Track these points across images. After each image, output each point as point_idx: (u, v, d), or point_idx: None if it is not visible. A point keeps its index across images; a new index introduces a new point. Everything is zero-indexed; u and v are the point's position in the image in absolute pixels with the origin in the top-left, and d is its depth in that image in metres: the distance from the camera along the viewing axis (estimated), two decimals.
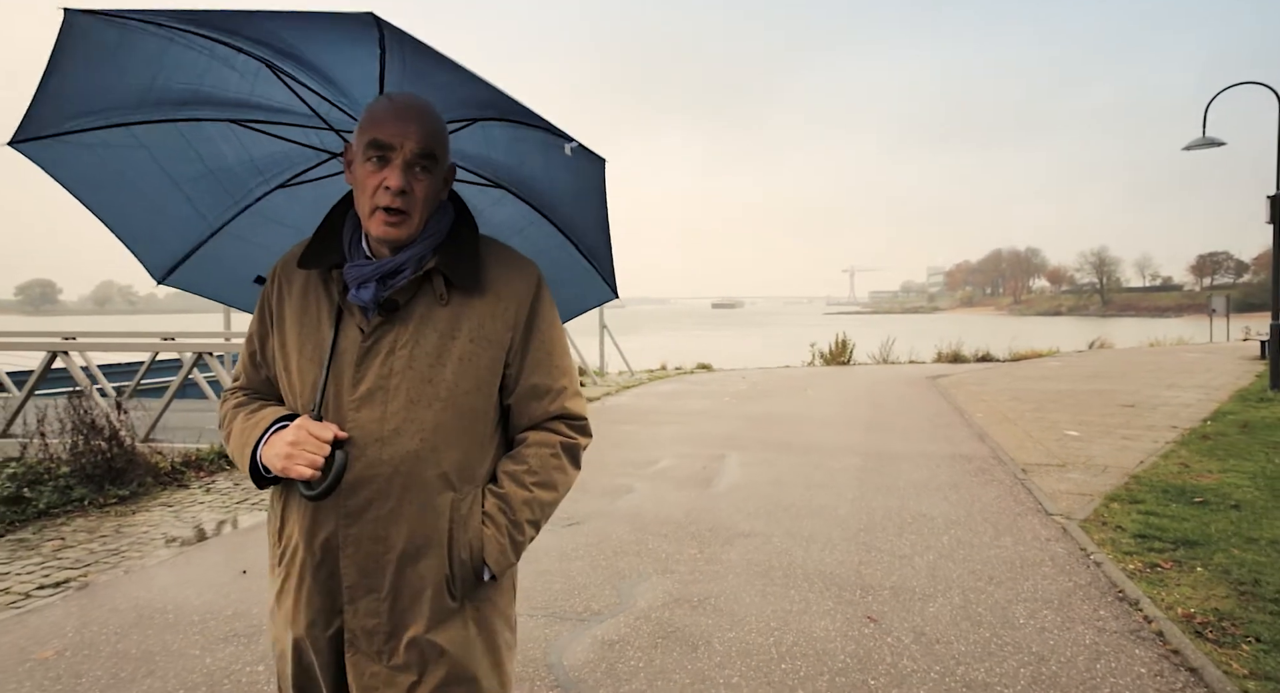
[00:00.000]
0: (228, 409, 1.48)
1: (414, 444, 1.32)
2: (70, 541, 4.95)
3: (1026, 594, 3.74)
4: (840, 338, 21.36)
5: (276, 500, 1.42)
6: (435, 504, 1.34)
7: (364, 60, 1.34)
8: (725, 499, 5.68)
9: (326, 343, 1.35)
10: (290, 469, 1.25)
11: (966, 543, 4.54)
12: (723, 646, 3.26)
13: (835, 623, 3.46)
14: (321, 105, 1.55)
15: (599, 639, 3.33)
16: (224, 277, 1.89)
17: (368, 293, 1.33)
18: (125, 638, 3.41)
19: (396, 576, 1.33)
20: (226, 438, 1.45)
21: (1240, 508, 5.00)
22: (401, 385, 1.32)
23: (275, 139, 1.67)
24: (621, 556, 4.43)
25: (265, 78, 1.46)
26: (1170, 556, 4.18)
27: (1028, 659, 3.07)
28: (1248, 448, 6.95)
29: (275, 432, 1.33)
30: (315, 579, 1.35)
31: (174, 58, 1.36)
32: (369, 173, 1.31)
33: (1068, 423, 8.84)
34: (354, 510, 1.32)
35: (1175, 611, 3.46)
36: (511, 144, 1.61)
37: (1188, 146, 11.26)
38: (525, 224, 1.80)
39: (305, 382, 1.37)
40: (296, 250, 1.46)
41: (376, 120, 1.31)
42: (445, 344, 1.34)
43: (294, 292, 1.41)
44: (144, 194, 1.66)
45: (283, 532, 1.40)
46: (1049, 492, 5.69)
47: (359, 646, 1.34)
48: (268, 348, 1.45)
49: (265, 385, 1.48)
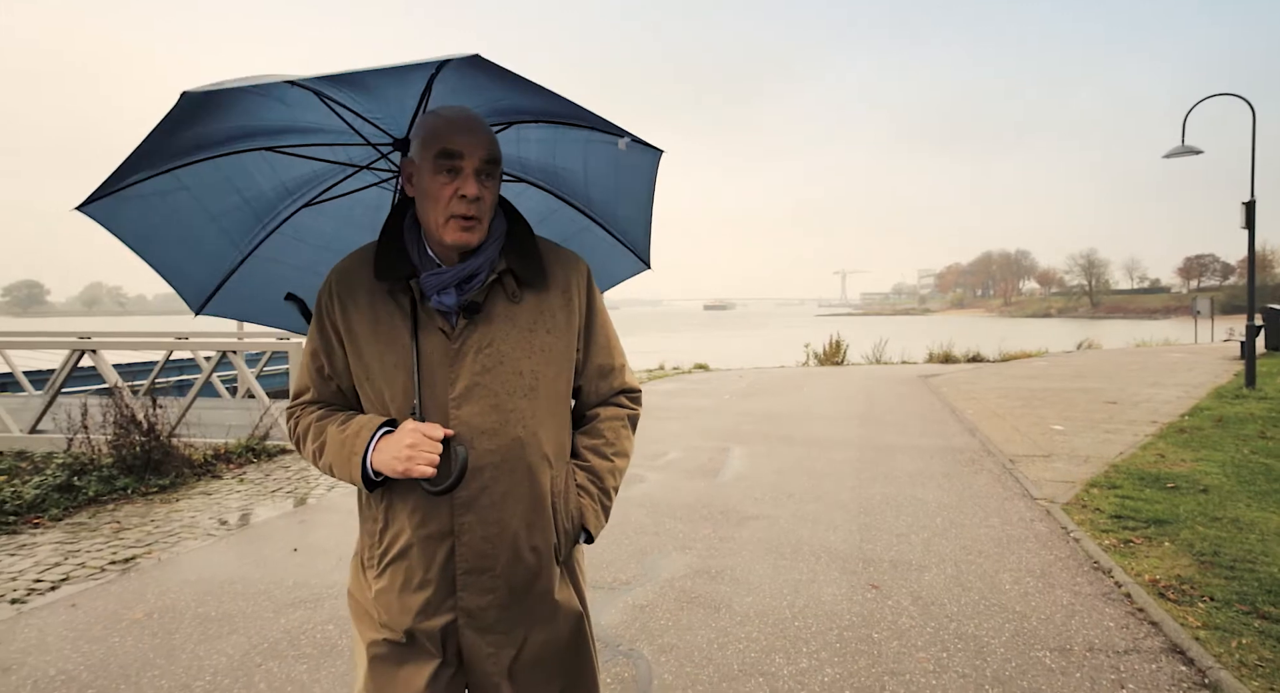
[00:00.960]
0: (309, 423, 1.52)
1: (518, 432, 1.42)
2: (125, 524, 5.31)
3: (1012, 565, 4.15)
4: (834, 338, 21.82)
5: (377, 503, 1.47)
6: (540, 484, 1.45)
7: (415, 80, 1.42)
8: (733, 487, 6.08)
9: (409, 350, 1.42)
10: (413, 470, 1.33)
11: (958, 523, 4.96)
12: (741, 608, 3.66)
13: (841, 590, 3.86)
14: (355, 121, 1.59)
15: (630, 604, 3.73)
16: (256, 298, 1.97)
17: (450, 298, 1.42)
18: (203, 603, 3.79)
19: (511, 553, 1.44)
20: (318, 451, 1.48)
21: (1208, 492, 5.44)
22: (496, 380, 1.42)
23: (305, 160, 1.74)
24: (642, 535, 4.82)
25: (310, 105, 1.51)
26: (1142, 533, 4.61)
27: (1011, 617, 3.48)
28: (1220, 440, 7.41)
29: (382, 437, 1.39)
30: (427, 571, 1.42)
31: (235, 105, 1.42)
32: (441, 183, 1.37)
33: (1054, 418, 9.28)
34: (467, 500, 1.41)
35: (1143, 577, 3.88)
36: (544, 143, 1.72)
37: (1168, 154, 11.76)
38: (548, 212, 1.91)
39: (395, 388, 1.43)
40: (350, 264, 1.51)
41: (442, 133, 1.37)
42: (526, 338, 1.45)
43: (359, 304, 1.46)
44: (183, 232, 1.73)
45: (385, 532, 1.46)
46: (1034, 479, 6.12)
47: (473, 624, 1.44)
48: (336, 361, 1.50)
49: (337, 397, 1.54)
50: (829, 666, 3.06)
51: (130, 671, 3.11)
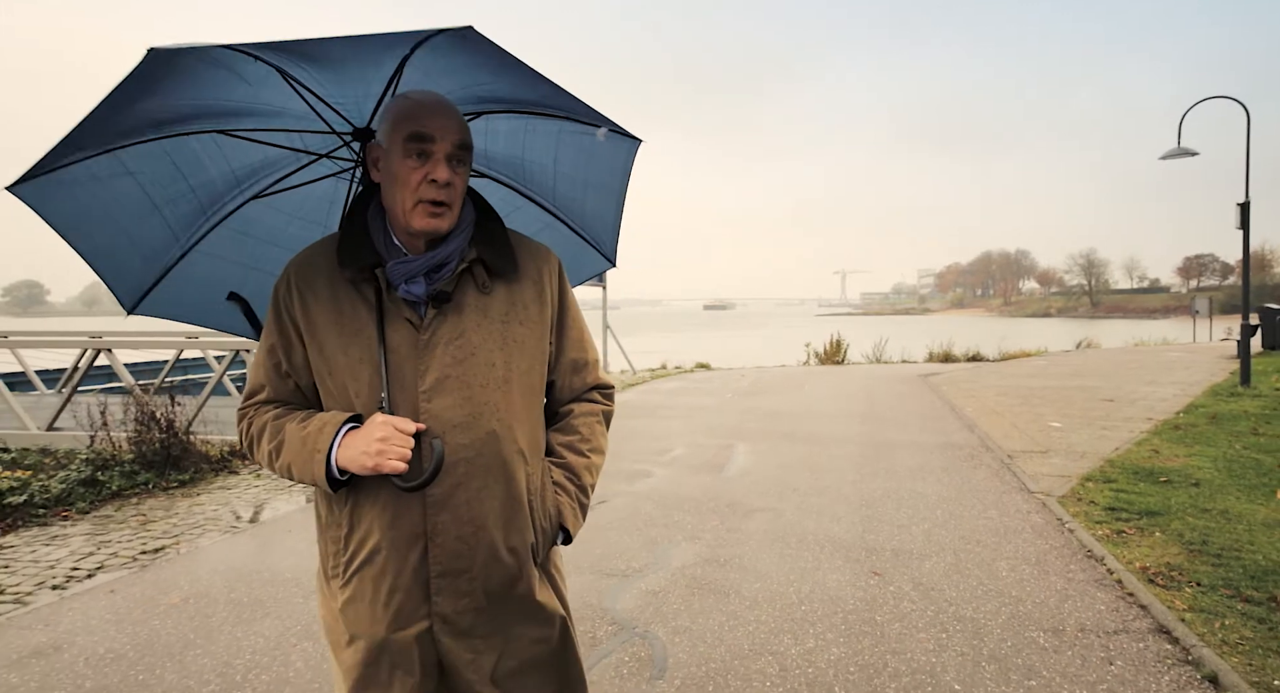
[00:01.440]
0: (264, 422, 1.43)
1: (492, 425, 1.37)
2: (150, 516, 5.48)
3: (1008, 554, 4.33)
4: (834, 338, 22.00)
5: (340, 507, 1.39)
6: (516, 480, 1.40)
7: (386, 61, 1.35)
8: (738, 482, 6.26)
9: (375, 341, 1.36)
10: (384, 465, 1.26)
11: (957, 515, 5.13)
12: (750, 593, 3.83)
13: (845, 577, 4.04)
14: (318, 105, 1.51)
15: (643, 590, 3.90)
16: (195, 297, 1.84)
17: (419, 288, 1.37)
18: (234, 590, 3.96)
19: (487, 553, 1.38)
20: (275, 450, 1.39)
21: (1199, 485, 5.62)
22: (469, 372, 1.36)
23: (257, 146, 1.64)
24: (651, 526, 5.00)
25: (272, 84, 1.41)
26: (1134, 523, 4.78)
27: (1007, 601, 3.66)
28: (1214, 436, 7.58)
29: (348, 433, 1.32)
30: (398, 576, 1.35)
31: (195, 77, 1.32)
32: (411, 168, 1.32)
33: (1051, 416, 9.46)
34: (441, 498, 1.34)
35: (1134, 565, 4.05)
36: (512, 134, 1.65)
37: (1164, 156, 11.94)
38: (510, 209, 1.83)
39: (360, 382, 1.36)
40: (309, 255, 1.45)
41: (412, 115, 1.32)
42: (498, 329, 1.40)
43: (320, 296, 1.40)
44: (122, 222, 1.61)
45: (351, 537, 1.38)
46: (1031, 474, 6.29)
47: (449, 629, 1.38)
48: (295, 357, 1.42)
49: (294, 395, 1.46)
50: (834, 646, 3.23)
51: (173, 650, 3.28)
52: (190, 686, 2.98)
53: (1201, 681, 2.85)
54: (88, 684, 3.00)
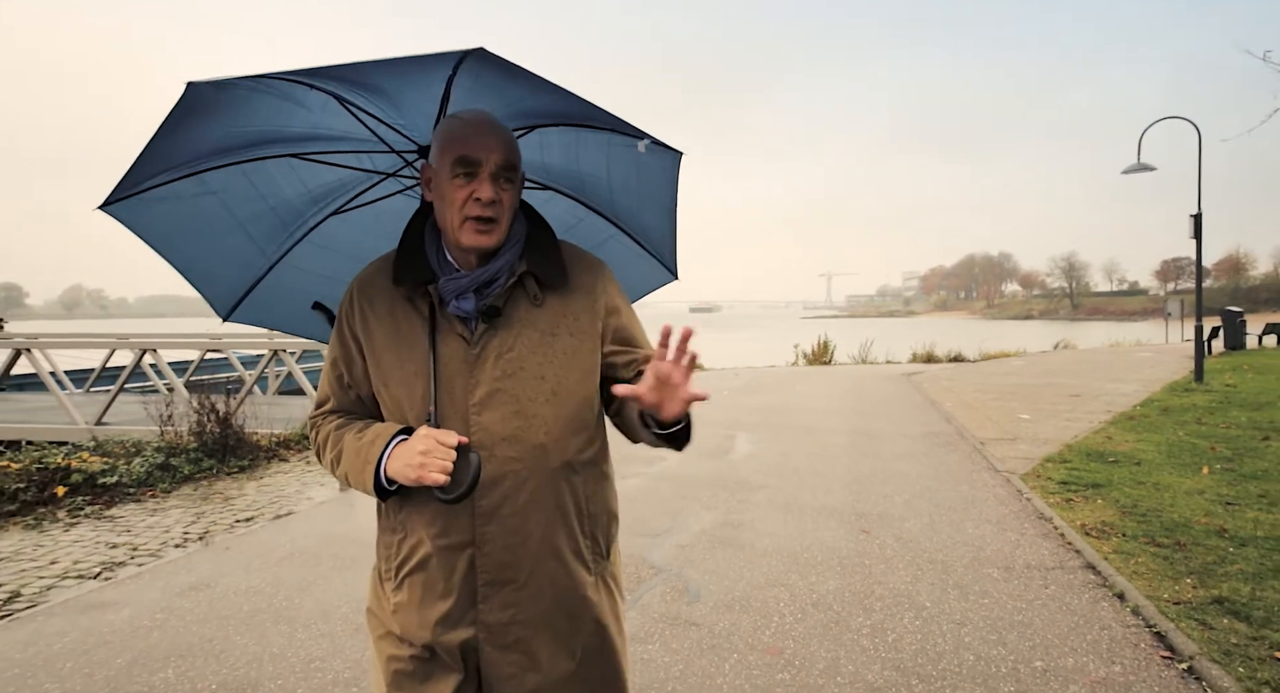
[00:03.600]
0: (328, 432, 1.49)
1: (540, 438, 1.39)
2: (228, 495, 6.24)
3: (975, 517, 5.18)
4: (822, 340, 22.93)
5: (393, 513, 1.44)
6: (564, 493, 1.42)
7: (434, 83, 1.41)
8: (743, 464, 7.09)
9: (427, 356, 1.40)
10: (425, 477, 1.28)
11: (933, 489, 5.99)
12: (761, 546, 4.65)
13: (839, 534, 4.87)
14: (379, 128, 1.59)
15: (673, 545, 4.71)
16: (283, 306, 1.97)
17: (468, 303, 1.40)
18: (329, 547, 4.74)
19: (534, 564, 1.40)
20: (335, 459, 1.45)
21: (1140, 464, 6.51)
22: (518, 386, 1.38)
23: (330, 167, 1.74)
24: (671, 500, 5.82)
25: (331, 110, 1.50)
26: (1081, 494, 5.66)
27: (970, 549, 4.51)
28: (1162, 425, 8.51)
29: (397, 445, 1.35)
30: (447, 583, 1.39)
31: (253, 106, 1.41)
32: (457, 187, 1.36)
33: (1022, 409, 10.36)
34: (489, 509, 1.37)
35: (1075, 523, 4.92)
36: (566, 147, 1.69)
37: (1125, 171, 12.91)
38: (575, 221, 1.88)
39: (413, 395, 1.40)
40: (371, 272, 1.50)
41: (458, 138, 1.36)
42: (548, 342, 1.42)
43: (378, 311, 1.45)
44: (210, 237, 1.73)
45: (404, 543, 1.42)
46: (999, 457, 7.17)
47: (494, 640, 1.40)
48: (355, 369, 1.48)
49: (357, 405, 1.51)
50: (831, 580, 4.06)
51: (297, 590, 4.06)
52: (327, 611, 3.77)
53: (1112, 597, 3.71)
54: (245, 607, 3.78)
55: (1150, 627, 3.35)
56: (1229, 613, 3.43)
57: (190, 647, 3.36)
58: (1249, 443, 7.32)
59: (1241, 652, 3.07)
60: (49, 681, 3.06)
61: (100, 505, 5.91)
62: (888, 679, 2.98)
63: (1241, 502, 5.23)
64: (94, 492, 6.20)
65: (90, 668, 3.16)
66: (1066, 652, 3.17)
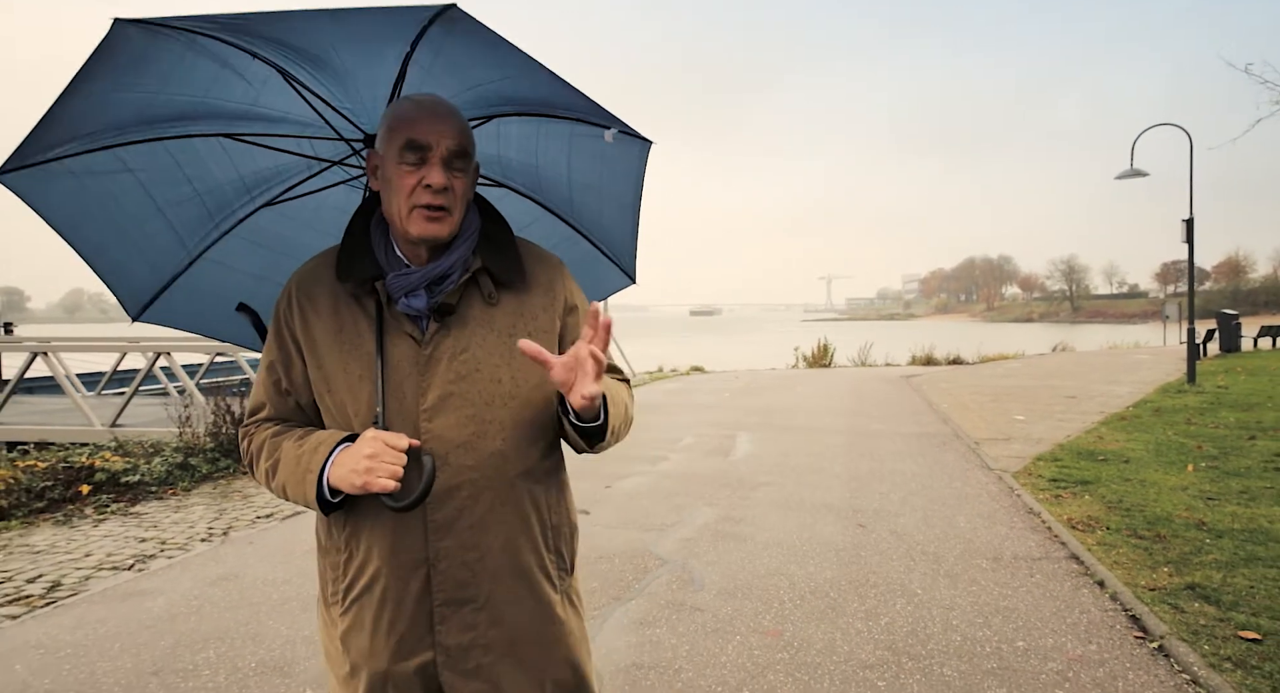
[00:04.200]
0: (262, 440, 1.37)
1: (498, 445, 1.30)
2: (247, 493, 6.46)
3: (966, 511, 5.41)
4: (821, 343, 23.18)
5: (338, 530, 1.34)
6: (525, 502, 1.34)
7: (389, 60, 1.31)
8: (744, 463, 7.31)
9: (374, 357, 1.30)
10: (372, 483, 1.18)
11: (928, 486, 6.21)
12: (762, 539, 4.88)
13: (836, 528, 5.09)
14: (325, 110, 1.47)
15: (678, 538, 4.93)
16: (203, 307, 1.79)
17: (419, 301, 1.31)
18: None
19: (494, 582, 1.31)
20: (271, 469, 1.33)
21: (1129, 462, 6.74)
22: (473, 389, 1.30)
23: (267, 151, 1.59)
24: (675, 496, 6.04)
25: (273, 86, 1.39)
26: (1070, 490, 5.88)
27: (962, 541, 4.73)
28: (1153, 425, 8.73)
29: (341, 451, 1.25)
30: (399, 605, 1.29)
31: (186, 68, 1.27)
32: (405, 173, 1.28)
33: (1017, 410, 10.59)
34: (444, 522, 1.28)
35: (1062, 517, 5.14)
36: (525, 139, 1.59)
37: (1119, 176, 13.15)
38: (530, 220, 1.77)
39: (359, 399, 1.30)
40: (312, 268, 1.40)
41: (408, 120, 1.28)
42: (505, 342, 1.34)
43: (320, 310, 1.35)
44: (125, 223, 1.55)
45: (349, 563, 1.32)
46: (993, 456, 7.39)
47: (455, 666, 1.30)
48: (294, 373, 1.37)
49: (295, 413, 1.40)
50: (829, 569, 4.29)
51: None
52: None
53: (1092, 584, 3.93)
54: (274, 596, 4.00)
55: (1126, 611, 3.58)
56: (1200, 598, 3.65)
57: (227, 631, 3.58)
58: (1235, 442, 7.54)
59: (1209, 632, 3.29)
60: (100, 660, 3.29)
61: (125, 503, 6.14)
62: (880, 658, 3.20)
63: (1222, 497, 5.45)
64: (118, 490, 6.42)
65: (137, 649, 3.39)
66: (1047, 633, 3.39)
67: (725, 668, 3.15)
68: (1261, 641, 3.17)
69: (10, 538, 5.17)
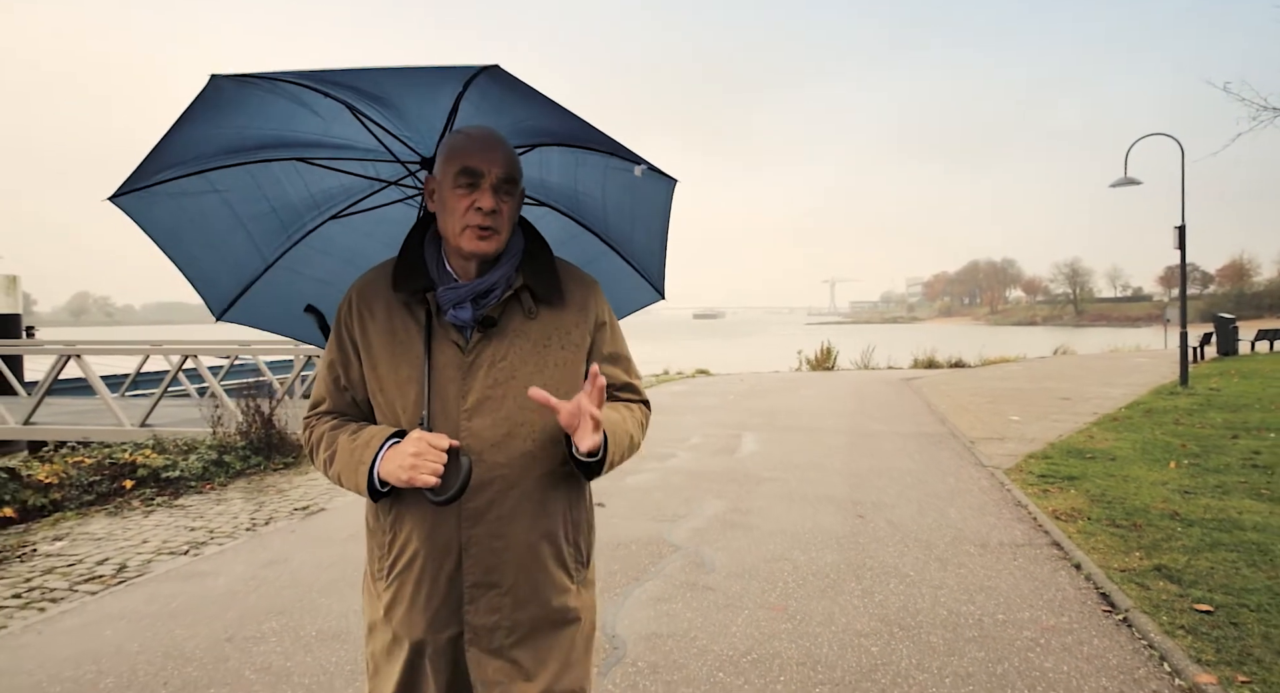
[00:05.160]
0: (322, 432, 1.52)
1: (528, 446, 1.44)
2: (280, 487, 6.86)
3: (958, 504, 5.78)
4: (825, 346, 23.55)
5: (384, 515, 1.49)
6: (550, 498, 1.48)
7: (442, 98, 1.46)
8: (749, 460, 7.69)
9: (423, 361, 1.44)
10: (416, 479, 1.32)
11: (924, 481, 6.58)
12: (767, 528, 5.25)
13: (836, 518, 5.47)
14: (386, 138, 1.63)
15: (688, 528, 5.31)
16: (276, 308, 1.99)
17: (465, 312, 1.44)
18: None
19: (518, 570, 1.45)
20: (329, 460, 1.48)
21: (1115, 459, 7.10)
22: (508, 394, 1.43)
23: (335, 173, 1.78)
24: (684, 490, 6.42)
25: (342, 118, 1.54)
26: (1057, 485, 6.25)
27: (953, 530, 5.10)
28: (1142, 425, 9.09)
29: (390, 447, 1.39)
30: (435, 582, 1.44)
31: (268, 107, 1.44)
32: (459, 197, 1.42)
33: (1013, 411, 10.94)
34: (476, 512, 1.42)
35: (1048, 509, 5.51)
36: (565, 167, 1.76)
37: (1113, 184, 13.52)
38: (568, 237, 1.94)
39: (407, 399, 1.44)
40: (371, 278, 1.54)
41: (463, 151, 1.42)
42: (540, 353, 1.47)
43: (377, 317, 1.49)
44: (212, 236, 1.76)
45: (393, 543, 1.47)
46: (987, 454, 7.75)
47: (480, 643, 1.45)
48: (352, 372, 1.52)
49: (351, 408, 1.55)
50: (829, 554, 4.66)
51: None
52: None
53: (1070, 567, 4.31)
54: (323, 577, 4.40)
55: (1098, 589, 3.95)
56: (1165, 577, 4.02)
57: (286, 605, 3.97)
58: (1218, 441, 7.90)
59: (1168, 605, 3.66)
60: (178, 628, 3.68)
61: (168, 496, 6.54)
62: (873, 629, 3.58)
63: (1198, 491, 5.82)
64: (159, 485, 6.83)
65: (208, 619, 3.78)
66: (1024, 607, 3.76)
67: (735, 636, 3.53)
68: (1213, 612, 3.54)
69: (70, 527, 5.58)
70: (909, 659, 3.25)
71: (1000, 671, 3.13)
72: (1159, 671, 3.09)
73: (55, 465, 6.72)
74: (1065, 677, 3.06)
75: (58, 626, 3.75)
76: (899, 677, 3.10)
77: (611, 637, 3.53)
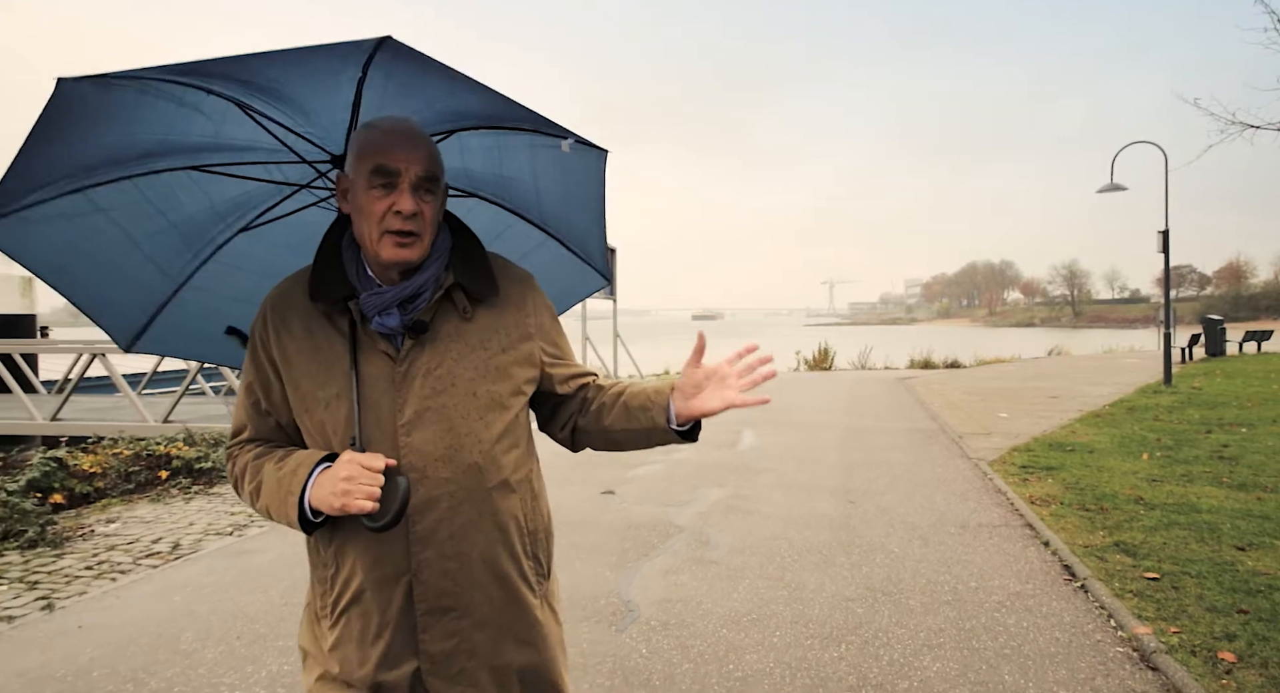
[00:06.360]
0: (245, 462, 1.39)
1: (475, 457, 1.34)
2: None
3: (944, 491, 6.23)
4: (822, 347, 24.02)
5: (325, 547, 1.36)
6: (503, 512, 1.37)
7: (343, 86, 1.32)
8: (749, 453, 8.14)
9: (350, 376, 1.32)
10: (350, 505, 1.21)
11: (913, 471, 7.03)
12: (766, 512, 5.70)
13: (830, 504, 5.91)
14: (288, 137, 1.49)
15: (693, 512, 5.76)
16: (193, 333, 1.84)
17: (393, 319, 1.33)
18: None
19: (475, 589, 1.35)
20: (255, 491, 1.35)
21: (1093, 452, 7.55)
22: (449, 402, 1.33)
23: (236, 180, 1.62)
24: (688, 480, 6.86)
25: (233, 118, 1.40)
26: (1035, 474, 6.70)
27: (936, 513, 5.55)
28: (1123, 421, 9.54)
29: (320, 472, 1.27)
30: (384, 615, 1.32)
31: (144, 111, 1.29)
32: (375, 199, 1.29)
33: (1002, 409, 11.40)
34: (424, 534, 1.31)
35: (1025, 495, 5.95)
36: (488, 151, 1.62)
37: (1100, 190, 13.98)
38: (503, 228, 1.80)
39: (337, 418, 1.32)
40: (285, 289, 1.41)
41: (376, 147, 1.29)
42: (479, 356, 1.37)
43: (294, 331, 1.36)
44: (104, 260, 1.59)
45: (337, 577, 1.35)
46: (974, 448, 8.20)
47: (440, 672, 1.34)
48: (273, 394, 1.39)
49: (276, 433, 1.42)
50: (823, 534, 5.11)
51: None
52: None
53: (1039, 544, 4.76)
54: None
55: (1062, 562, 4.40)
56: (1122, 552, 4.47)
57: None
58: (1192, 435, 8.36)
59: (1121, 574, 4.11)
60: (239, 595, 4.12)
61: (202, 486, 6.98)
62: (860, 595, 4.02)
63: (1164, 479, 6.27)
64: (193, 475, 7.27)
65: (264, 587, 4.22)
66: (995, 577, 4.21)
67: (737, 601, 3.97)
68: (1159, 579, 3.99)
69: (119, 511, 6.02)
70: (889, 618, 3.70)
71: (969, 626, 3.58)
72: (1105, 625, 3.54)
73: (98, 456, 7.17)
74: (1025, 631, 3.51)
75: (132, 592, 4.19)
76: (880, 631, 3.55)
77: (626, 601, 3.97)
